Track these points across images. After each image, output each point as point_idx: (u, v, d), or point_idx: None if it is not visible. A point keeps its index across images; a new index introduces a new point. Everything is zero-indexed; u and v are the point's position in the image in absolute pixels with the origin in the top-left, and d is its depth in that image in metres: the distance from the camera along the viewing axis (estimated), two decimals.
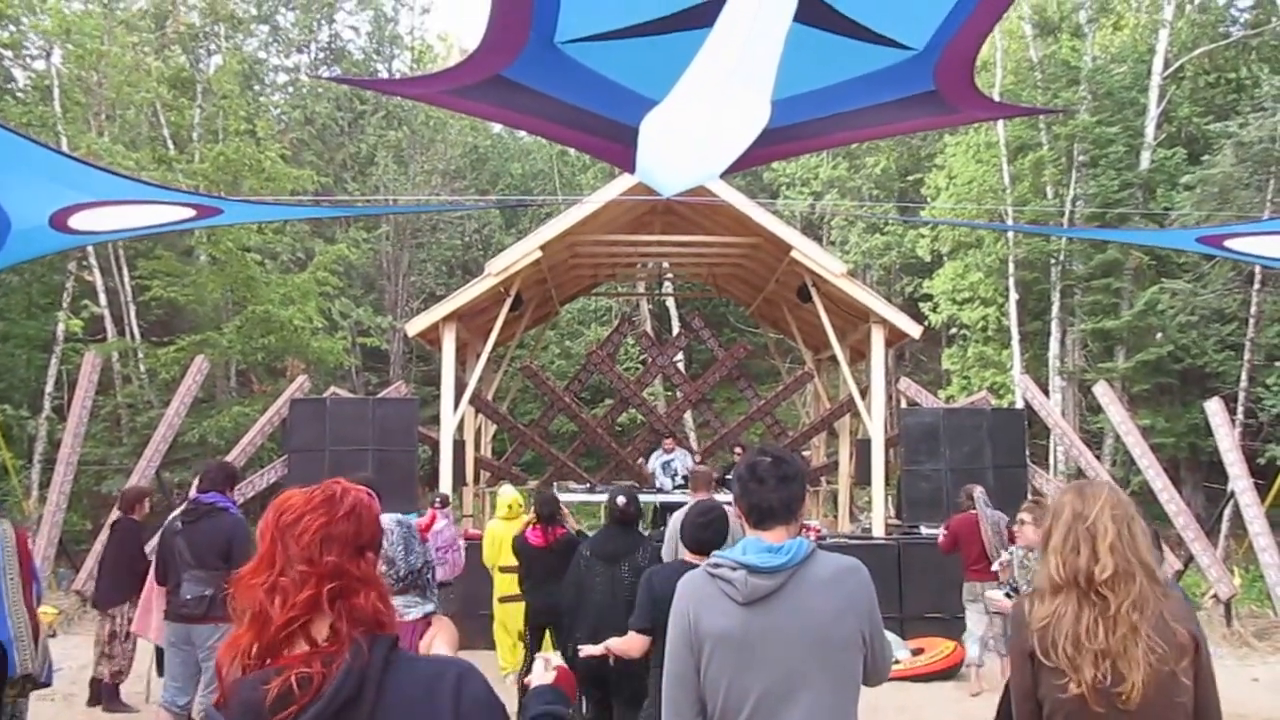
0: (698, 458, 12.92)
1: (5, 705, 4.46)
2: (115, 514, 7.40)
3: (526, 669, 6.70)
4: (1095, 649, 2.16)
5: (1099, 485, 2.38)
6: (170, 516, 5.67)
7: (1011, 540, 5.86)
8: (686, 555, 4.01)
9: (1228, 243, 5.61)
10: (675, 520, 5.80)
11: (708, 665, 2.24)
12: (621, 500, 5.24)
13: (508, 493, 7.77)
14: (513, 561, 7.21)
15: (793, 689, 2.20)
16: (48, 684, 4.86)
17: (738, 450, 12.91)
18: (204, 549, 5.16)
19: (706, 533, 3.92)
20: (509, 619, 7.30)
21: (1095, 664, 2.15)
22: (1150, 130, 18.44)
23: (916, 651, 8.47)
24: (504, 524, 7.49)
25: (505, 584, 7.30)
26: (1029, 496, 11.05)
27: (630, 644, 3.94)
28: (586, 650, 4.31)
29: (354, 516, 1.54)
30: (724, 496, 10.12)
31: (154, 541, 6.46)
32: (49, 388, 15.48)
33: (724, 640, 2.23)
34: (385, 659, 1.44)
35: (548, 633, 6.58)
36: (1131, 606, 2.18)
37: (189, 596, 5.15)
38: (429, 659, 1.55)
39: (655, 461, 12.38)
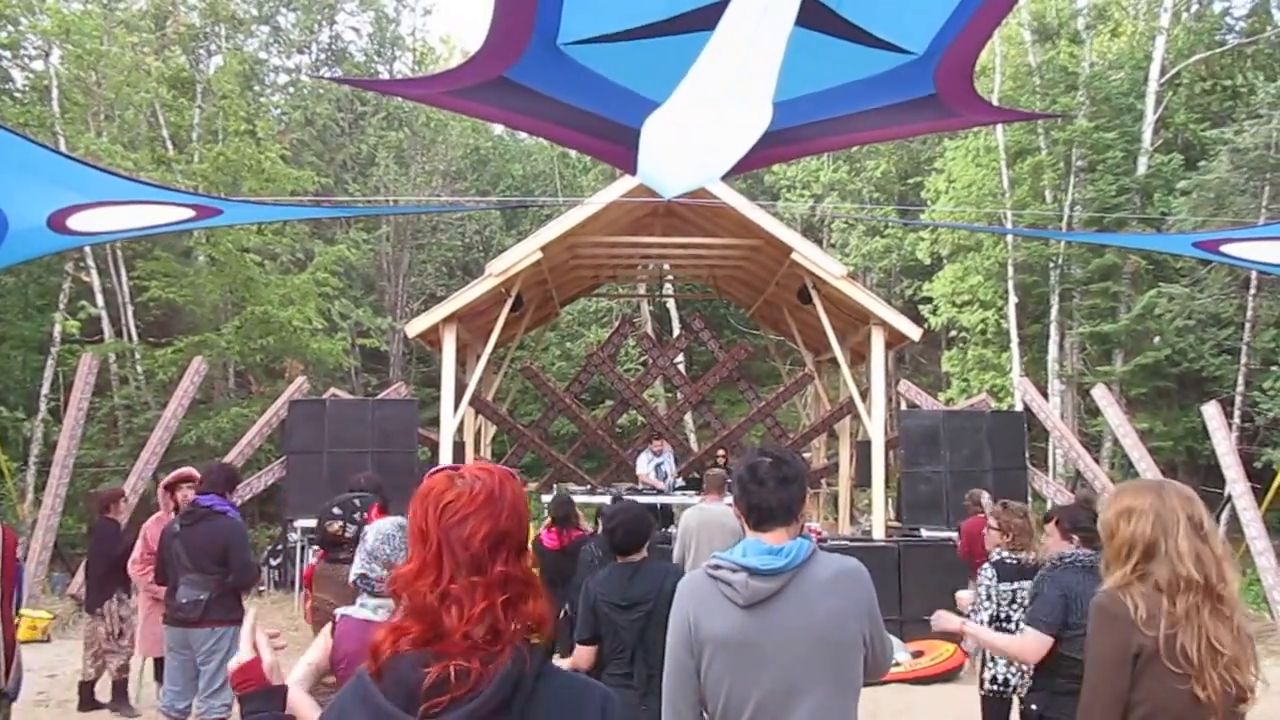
0: (721, 458, 12.82)
1: None
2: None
3: None
4: (1225, 656, 2.14)
5: (1184, 488, 2.37)
6: (171, 519, 5.68)
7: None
8: (619, 557, 4.01)
9: (1224, 248, 5.59)
10: (684, 522, 5.83)
11: (708, 668, 2.23)
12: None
13: None
14: None
15: (794, 692, 2.19)
16: (13, 698, 4.72)
17: (720, 454, 12.92)
18: (201, 552, 5.13)
19: (615, 538, 3.94)
20: None
21: (1220, 671, 2.13)
22: (1147, 136, 18.50)
23: (917, 654, 8.46)
24: None
25: None
26: (1029, 499, 11.10)
27: (578, 658, 3.92)
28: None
29: (516, 515, 1.51)
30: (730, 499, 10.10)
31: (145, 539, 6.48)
32: (45, 389, 15.43)
33: (725, 643, 2.21)
34: (539, 670, 1.45)
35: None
36: (1243, 614, 2.21)
37: (185, 600, 5.13)
38: (574, 676, 1.55)
39: (647, 464, 12.36)
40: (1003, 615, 4.63)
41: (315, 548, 5.23)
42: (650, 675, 3.70)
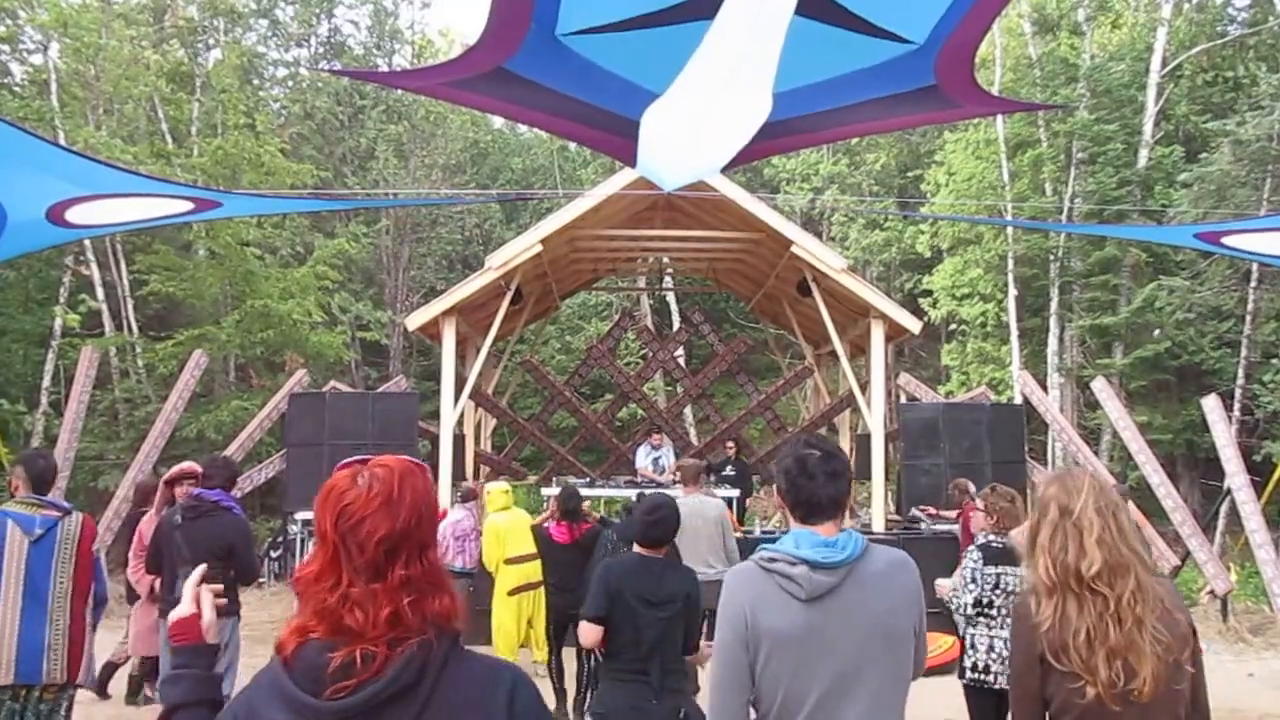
0: (729, 450, 12.84)
1: (36, 707, 4.36)
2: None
3: (557, 663, 6.71)
4: (1107, 647, 2.12)
5: (1079, 476, 2.33)
6: (169, 509, 5.64)
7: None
8: (642, 549, 3.97)
9: (1225, 239, 5.60)
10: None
11: (765, 664, 2.18)
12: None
13: (495, 486, 7.77)
14: (519, 552, 7.19)
15: (852, 685, 2.17)
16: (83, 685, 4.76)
17: (729, 447, 12.92)
18: (203, 547, 5.07)
19: (655, 530, 3.92)
20: (520, 611, 7.22)
21: (1108, 663, 2.11)
22: (1148, 128, 18.45)
23: None
24: (504, 516, 7.49)
25: (513, 577, 7.22)
26: (1028, 492, 11.10)
27: (585, 633, 3.84)
28: None
29: (415, 514, 1.49)
30: (722, 492, 10.13)
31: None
32: (46, 383, 15.43)
33: (785, 639, 2.17)
34: (447, 653, 1.45)
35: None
36: (1132, 599, 2.15)
37: None
38: (485, 659, 1.54)
39: (645, 458, 12.36)
40: (985, 600, 4.64)
41: (284, 539, 5.20)
42: (666, 673, 3.69)
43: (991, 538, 4.74)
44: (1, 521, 4.30)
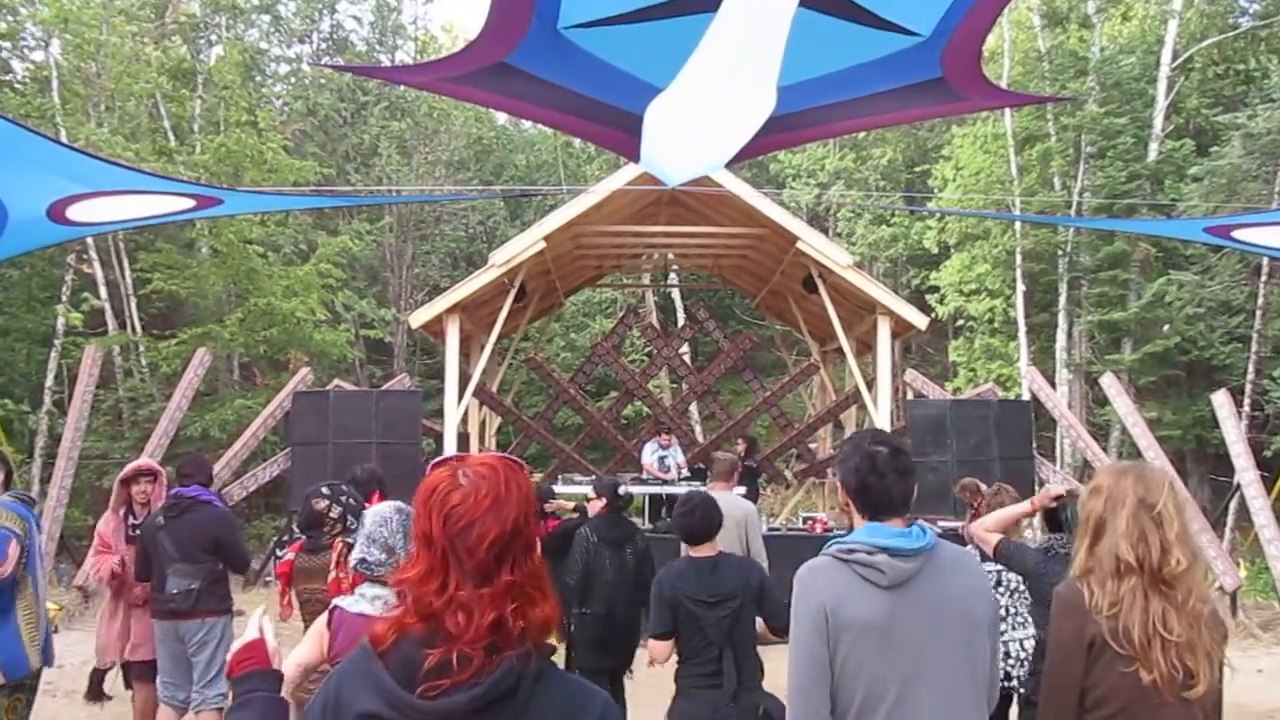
0: (740, 448, 12.74)
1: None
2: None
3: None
4: (1167, 640, 2.15)
5: (1159, 471, 2.34)
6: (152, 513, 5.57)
7: None
8: (686, 549, 3.93)
9: (1236, 233, 5.53)
10: None
11: (847, 656, 2.16)
12: (624, 490, 5.42)
13: None
14: None
15: (937, 671, 2.17)
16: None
17: (740, 442, 12.83)
18: (188, 542, 5.11)
19: (692, 519, 3.87)
20: None
21: (1165, 654, 2.14)
22: (1158, 121, 18.32)
23: None
24: None
25: None
26: (1035, 489, 11.01)
27: (656, 652, 3.81)
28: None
29: (523, 514, 1.48)
30: (741, 489, 10.06)
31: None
32: (49, 382, 15.42)
33: (869, 628, 2.16)
34: (542, 668, 1.45)
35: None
36: (1199, 599, 2.19)
37: (175, 590, 5.08)
38: (578, 680, 1.53)
39: (651, 455, 12.29)
40: None
41: (289, 537, 5.15)
42: (741, 671, 3.65)
43: None
44: (25, 515, 4.33)
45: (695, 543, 3.88)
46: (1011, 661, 4.60)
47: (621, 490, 6.16)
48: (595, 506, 5.91)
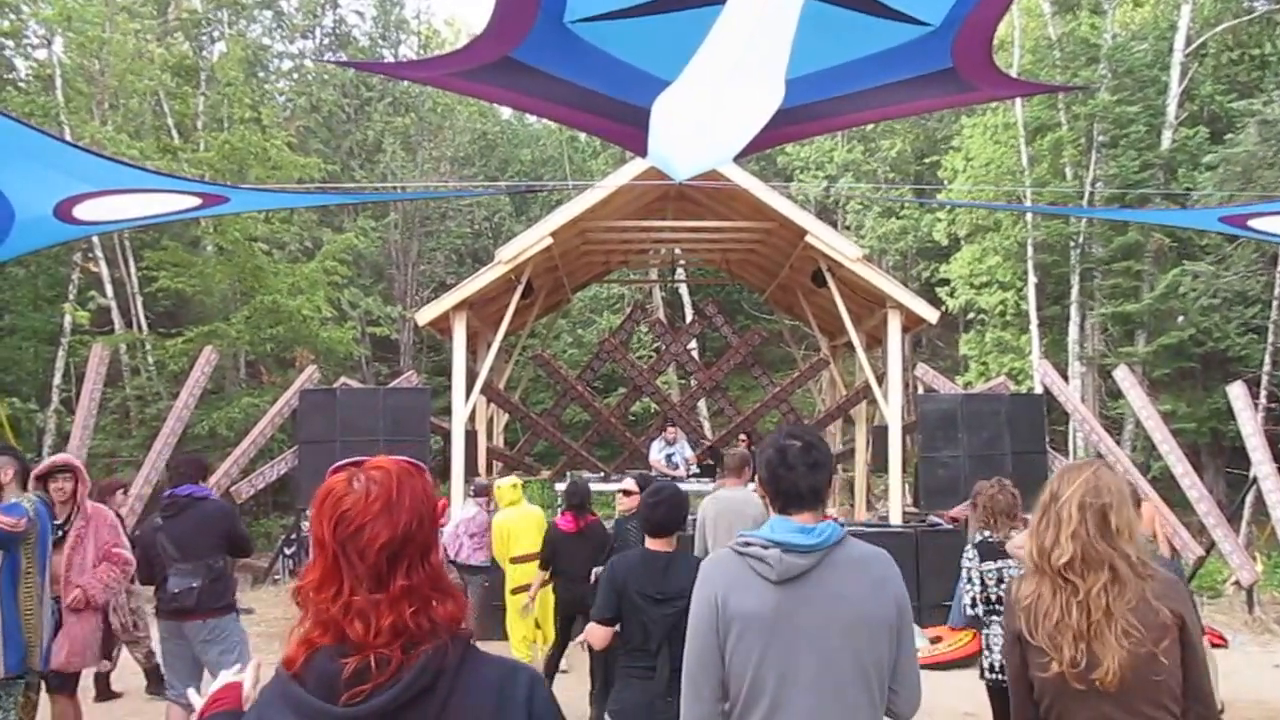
0: (742, 443, 12.67)
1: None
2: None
3: (556, 658, 6.67)
4: (1071, 631, 2.22)
5: (1080, 468, 2.40)
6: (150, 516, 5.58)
7: None
8: (650, 543, 3.88)
9: (1251, 222, 5.47)
10: (703, 512, 5.61)
11: (735, 647, 2.19)
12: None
13: (503, 482, 7.71)
14: (523, 551, 7.26)
15: (822, 669, 2.17)
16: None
17: (742, 439, 12.77)
18: (190, 540, 5.07)
19: (656, 511, 3.84)
20: (536, 606, 7.26)
21: (1073, 644, 2.21)
22: (1172, 109, 18.12)
23: (935, 640, 8.40)
24: (513, 513, 7.44)
25: (517, 575, 7.29)
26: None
27: (593, 634, 3.84)
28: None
29: (416, 518, 1.46)
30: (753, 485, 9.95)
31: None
32: (57, 380, 15.45)
33: (754, 620, 2.18)
34: (462, 656, 1.45)
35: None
36: (1101, 591, 2.22)
37: (177, 590, 5.05)
38: (500, 660, 1.52)
39: (658, 452, 12.24)
40: (992, 596, 4.68)
41: (296, 535, 5.13)
42: (675, 670, 3.58)
43: (987, 534, 4.79)
44: (41, 513, 4.35)
45: (656, 535, 3.85)
46: (995, 654, 4.66)
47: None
48: (633, 501, 5.86)
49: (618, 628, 3.81)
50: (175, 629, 5.17)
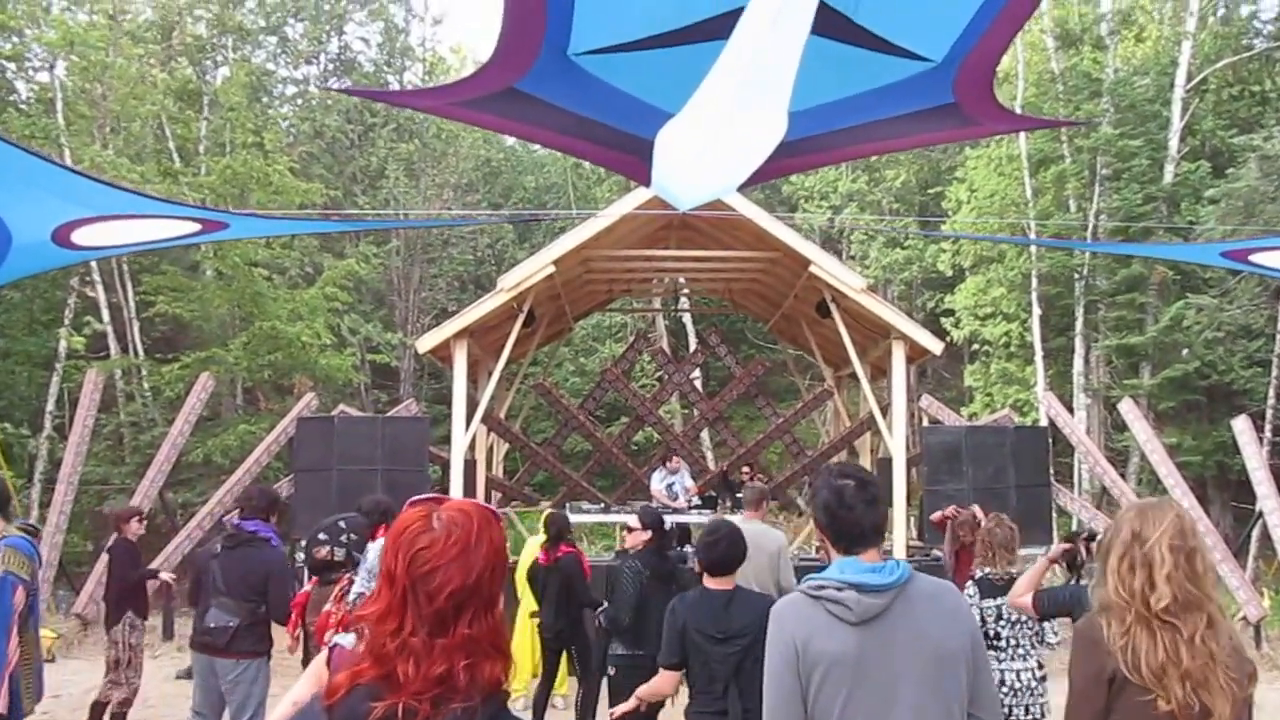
0: (746, 475, 12.52)
1: None
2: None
3: (545, 694, 6.55)
4: (1181, 671, 2.16)
5: (1163, 508, 2.35)
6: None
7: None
8: (708, 581, 3.81)
9: (1253, 257, 5.49)
10: None
11: (819, 691, 2.19)
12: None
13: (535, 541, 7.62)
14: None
15: (908, 706, 2.18)
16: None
17: (745, 470, 12.64)
18: (237, 579, 5.03)
19: (715, 550, 3.79)
20: (533, 642, 7.17)
21: (1182, 684, 2.15)
22: (1174, 143, 18.18)
23: None
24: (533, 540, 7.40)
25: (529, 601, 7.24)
26: (1054, 516, 10.80)
27: (663, 683, 3.83)
28: (620, 710, 4.23)
29: (489, 567, 1.46)
30: (734, 518, 9.87)
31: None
32: (50, 406, 15.30)
33: (838, 663, 2.18)
34: (491, 718, 1.43)
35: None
36: (1207, 635, 2.18)
37: (213, 625, 5.01)
38: None
39: (659, 482, 12.12)
40: (991, 633, 4.70)
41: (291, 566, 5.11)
42: (746, 710, 3.59)
43: (988, 570, 4.82)
44: (31, 556, 4.19)
45: (715, 574, 3.79)
46: (1005, 690, 4.67)
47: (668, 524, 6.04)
48: (638, 538, 5.66)
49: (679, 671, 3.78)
50: (207, 664, 5.13)
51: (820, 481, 2.42)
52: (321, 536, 4.09)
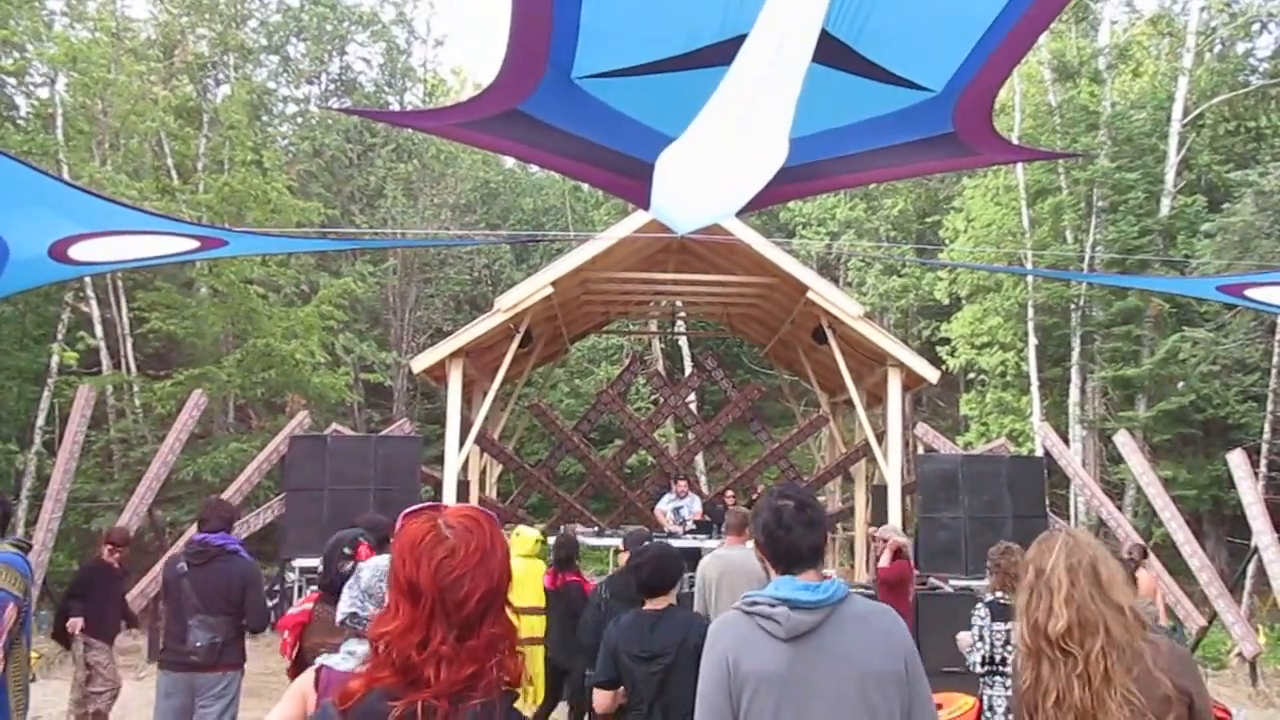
0: (730, 500, 12.51)
1: None
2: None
3: (544, 716, 6.48)
4: (1074, 709, 2.15)
5: (1053, 536, 2.37)
6: (169, 556, 5.43)
7: None
8: (647, 602, 3.87)
9: (1248, 291, 5.45)
10: (703, 572, 5.44)
11: (748, 708, 2.19)
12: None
13: (528, 532, 7.51)
14: (531, 603, 7.04)
15: None
16: None
17: (729, 496, 12.63)
18: (215, 593, 4.96)
19: (640, 573, 3.86)
20: (529, 662, 7.02)
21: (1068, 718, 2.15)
22: (1170, 177, 18.27)
23: (936, 706, 8.11)
24: (524, 562, 7.25)
25: (525, 626, 7.05)
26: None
27: (597, 700, 3.84)
28: None
29: (503, 568, 1.49)
30: (714, 543, 9.81)
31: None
32: (40, 421, 15.16)
33: (768, 680, 2.19)
34: (506, 716, 1.46)
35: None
36: (1100, 655, 2.15)
37: (199, 644, 4.93)
38: None
39: (667, 505, 12.05)
40: (998, 657, 4.74)
41: (311, 589, 5.03)
42: None
43: (1000, 594, 4.87)
44: (25, 572, 4.17)
45: (647, 595, 3.86)
46: (999, 716, 4.75)
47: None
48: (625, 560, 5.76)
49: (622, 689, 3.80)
50: (186, 683, 5.00)
51: (761, 502, 2.44)
52: (346, 551, 3.95)
